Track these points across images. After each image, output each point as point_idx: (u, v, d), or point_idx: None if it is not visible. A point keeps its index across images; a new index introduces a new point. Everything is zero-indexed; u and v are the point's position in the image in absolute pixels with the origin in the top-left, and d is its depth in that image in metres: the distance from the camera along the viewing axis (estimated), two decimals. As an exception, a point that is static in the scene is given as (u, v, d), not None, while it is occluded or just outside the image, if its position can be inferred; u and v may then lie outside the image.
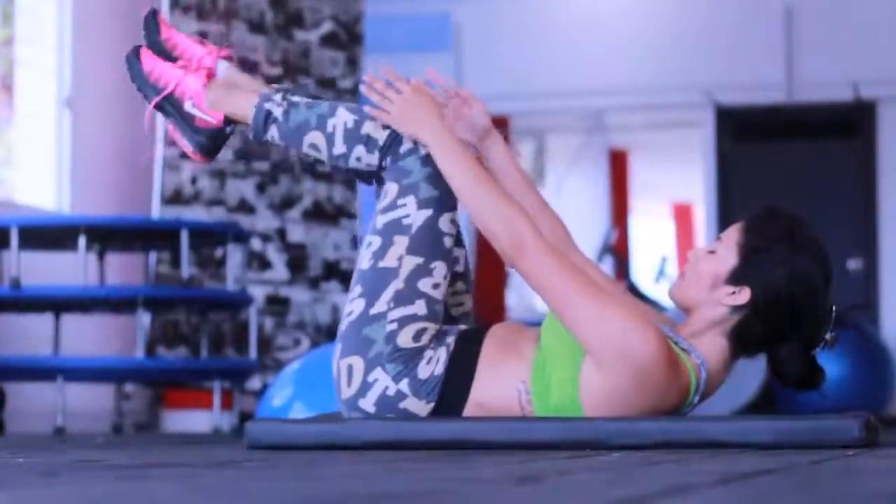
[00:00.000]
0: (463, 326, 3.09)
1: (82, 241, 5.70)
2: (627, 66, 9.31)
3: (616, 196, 12.18)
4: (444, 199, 3.04)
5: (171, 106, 3.25)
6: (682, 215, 15.33)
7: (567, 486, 1.78)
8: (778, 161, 9.04)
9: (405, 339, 2.98)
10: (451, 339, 3.01)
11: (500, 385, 2.96)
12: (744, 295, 2.90)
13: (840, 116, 9.07)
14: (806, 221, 2.95)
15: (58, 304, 6.04)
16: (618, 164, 12.31)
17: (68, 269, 6.20)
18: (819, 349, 2.93)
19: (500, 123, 10.13)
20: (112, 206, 7.29)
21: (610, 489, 1.73)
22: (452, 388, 2.97)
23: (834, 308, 2.92)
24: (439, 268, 3.02)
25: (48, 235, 5.97)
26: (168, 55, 3.31)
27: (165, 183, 7.00)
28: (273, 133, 3.14)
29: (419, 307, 2.99)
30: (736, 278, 2.91)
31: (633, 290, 10.00)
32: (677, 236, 15.27)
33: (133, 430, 6.94)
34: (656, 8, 9.31)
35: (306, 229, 7.43)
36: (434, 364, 2.98)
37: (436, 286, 3.01)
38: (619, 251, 10.79)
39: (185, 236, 5.79)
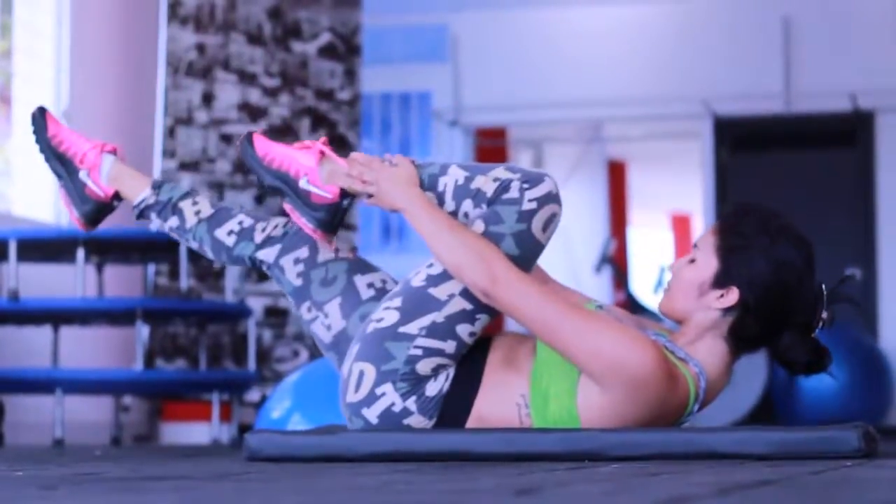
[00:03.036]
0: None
1: (81, 253, 5.70)
2: (625, 76, 9.32)
3: (614, 207, 12.20)
4: None
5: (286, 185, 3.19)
6: (681, 226, 15.35)
7: (565, 498, 1.78)
8: (776, 171, 9.04)
9: (424, 368, 2.98)
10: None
11: (500, 400, 2.96)
12: (732, 296, 2.91)
13: (838, 126, 9.08)
14: (778, 211, 2.96)
15: (56, 316, 6.04)
16: (616, 175, 12.33)
17: (67, 282, 6.20)
18: (818, 330, 2.94)
19: (498, 134, 10.17)
20: (110, 218, 7.28)
21: (608, 500, 1.73)
22: (455, 404, 2.97)
23: (823, 287, 2.93)
24: (483, 319, 3.01)
25: (46, 248, 5.96)
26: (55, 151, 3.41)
27: (164, 195, 6.98)
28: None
29: (449, 346, 2.98)
30: (721, 281, 2.92)
31: (632, 301, 10.01)
32: (676, 247, 15.28)
33: (132, 443, 6.94)
34: (654, 19, 9.31)
35: (305, 241, 7.42)
36: (442, 381, 2.98)
37: (472, 335, 3.00)
38: (617, 262, 10.80)
39: (183, 248, 5.78)
